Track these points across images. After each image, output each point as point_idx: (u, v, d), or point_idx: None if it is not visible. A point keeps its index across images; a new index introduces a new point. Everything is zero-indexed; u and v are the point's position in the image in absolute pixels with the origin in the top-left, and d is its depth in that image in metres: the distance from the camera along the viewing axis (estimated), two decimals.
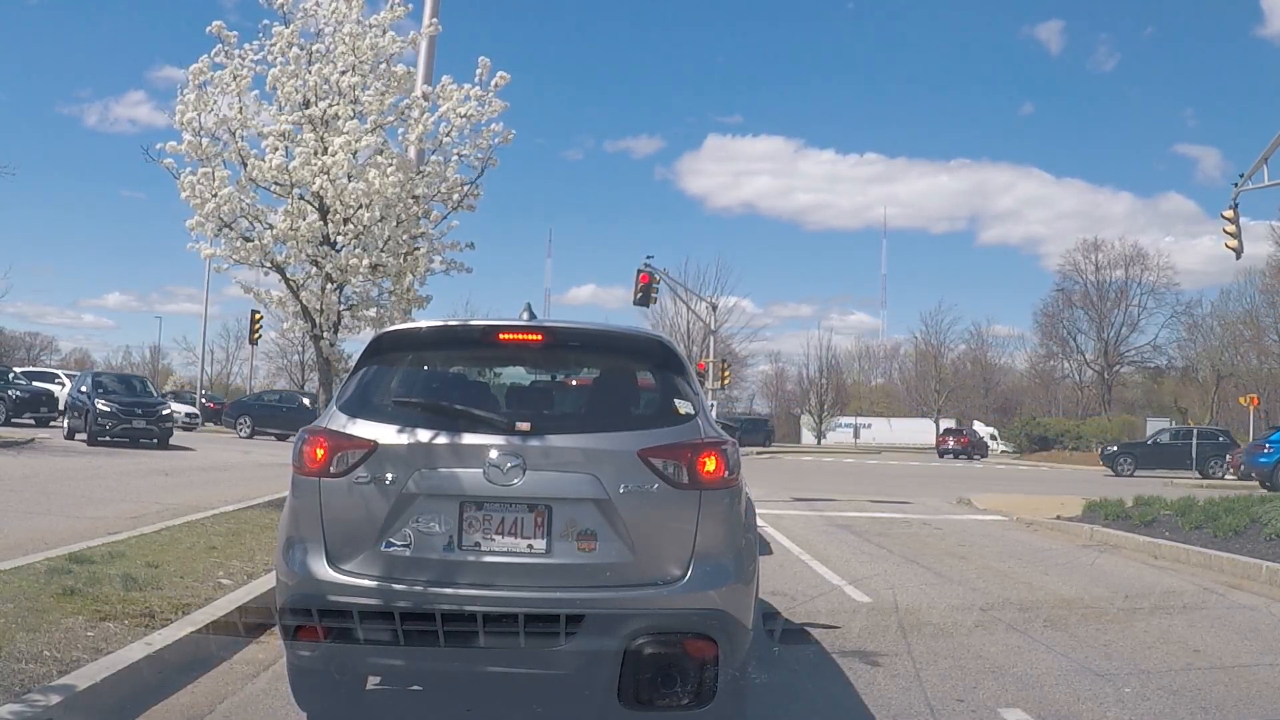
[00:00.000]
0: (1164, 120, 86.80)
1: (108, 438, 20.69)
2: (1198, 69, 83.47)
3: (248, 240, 8.99)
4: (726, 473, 3.53)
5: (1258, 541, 9.76)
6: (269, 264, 9.14)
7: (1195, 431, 35.10)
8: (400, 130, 9.35)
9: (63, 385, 28.76)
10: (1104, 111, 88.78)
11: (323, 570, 3.43)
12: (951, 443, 48.18)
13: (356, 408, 3.68)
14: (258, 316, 36.52)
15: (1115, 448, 35.12)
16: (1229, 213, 20.06)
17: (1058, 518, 13.36)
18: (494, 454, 3.42)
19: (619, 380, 3.98)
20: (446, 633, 3.31)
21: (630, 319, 48.31)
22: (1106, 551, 10.81)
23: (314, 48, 8.93)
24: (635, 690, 3.28)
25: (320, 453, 3.53)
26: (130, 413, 21.07)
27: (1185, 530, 11.00)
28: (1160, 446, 33.63)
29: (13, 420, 25.43)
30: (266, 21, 8.92)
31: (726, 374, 39.67)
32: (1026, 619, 6.67)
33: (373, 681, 4.35)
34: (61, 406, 25.69)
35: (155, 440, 21.17)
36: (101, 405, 20.88)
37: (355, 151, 8.80)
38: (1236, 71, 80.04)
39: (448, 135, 9.43)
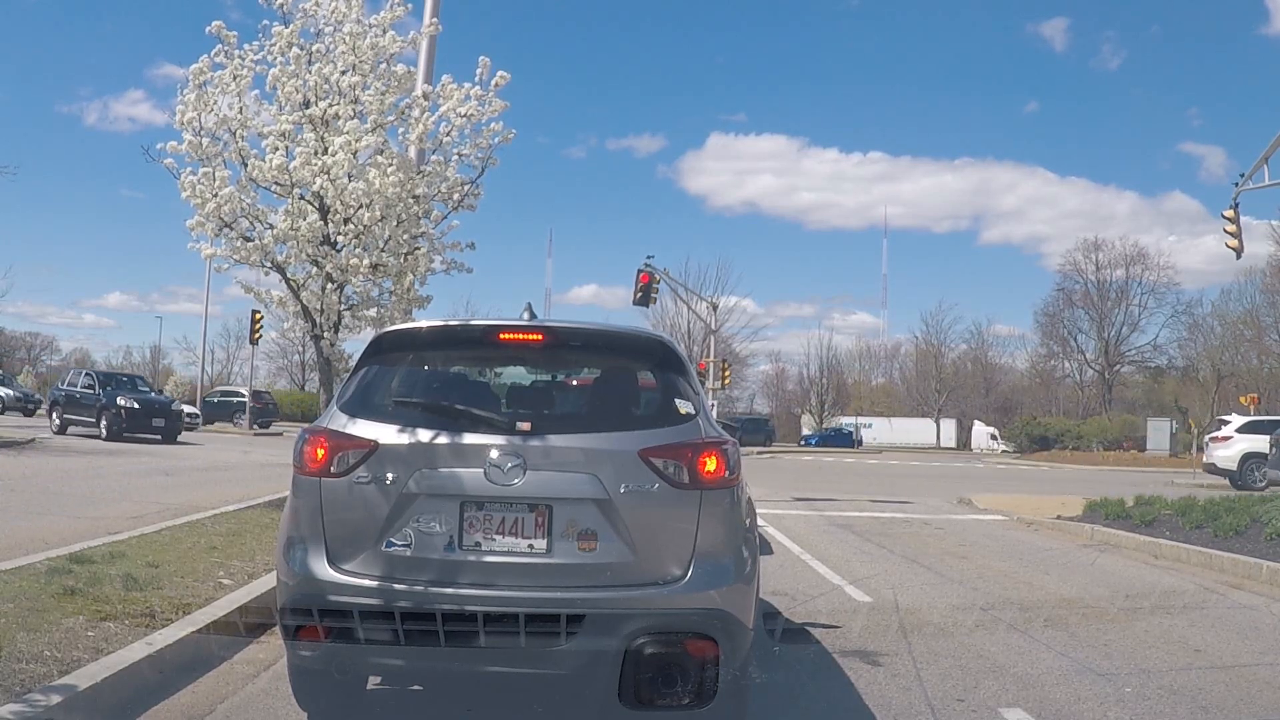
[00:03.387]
0: (1168, 119, 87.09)
1: None
2: (1202, 68, 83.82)
3: (248, 240, 9.01)
4: (727, 472, 3.53)
5: (1258, 541, 9.76)
6: (269, 264, 9.15)
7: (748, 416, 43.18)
8: (400, 130, 9.36)
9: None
10: (1108, 110, 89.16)
11: (323, 570, 3.43)
12: None
13: (357, 408, 3.68)
14: (258, 316, 36.54)
15: None
16: (1229, 212, 20.03)
17: (1058, 517, 13.35)
18: (495, 454, 3.42)
19: (620, 380, 3.98)
20: (447, 632, 3.30)
21: (631, 319, 48.33)
22: (1107, 551, 10.81)
23: (314, 47, 8.94)
24: (636, 690, 3.28)
25: (321, 453, 3.53)
26: None
27: (1186, 530, 10.99)
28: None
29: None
30: (266, 21, 8.95)
31: (727, 374, 39.65)
32: (1027, 619, 6.67)
33: (373, 681, 4.36)
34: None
35: None
36: None
37: (355, 151, 8.80)
38: (1241, 70, 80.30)
39: (448, 135, 9.43)
